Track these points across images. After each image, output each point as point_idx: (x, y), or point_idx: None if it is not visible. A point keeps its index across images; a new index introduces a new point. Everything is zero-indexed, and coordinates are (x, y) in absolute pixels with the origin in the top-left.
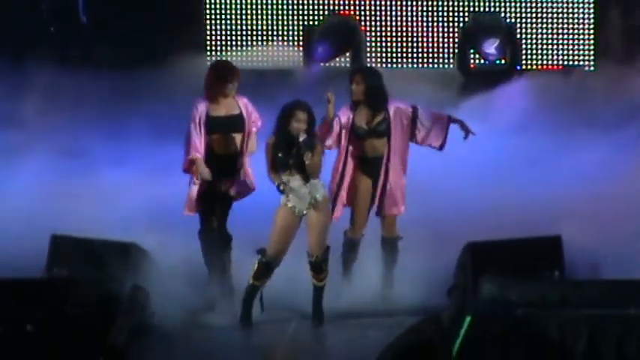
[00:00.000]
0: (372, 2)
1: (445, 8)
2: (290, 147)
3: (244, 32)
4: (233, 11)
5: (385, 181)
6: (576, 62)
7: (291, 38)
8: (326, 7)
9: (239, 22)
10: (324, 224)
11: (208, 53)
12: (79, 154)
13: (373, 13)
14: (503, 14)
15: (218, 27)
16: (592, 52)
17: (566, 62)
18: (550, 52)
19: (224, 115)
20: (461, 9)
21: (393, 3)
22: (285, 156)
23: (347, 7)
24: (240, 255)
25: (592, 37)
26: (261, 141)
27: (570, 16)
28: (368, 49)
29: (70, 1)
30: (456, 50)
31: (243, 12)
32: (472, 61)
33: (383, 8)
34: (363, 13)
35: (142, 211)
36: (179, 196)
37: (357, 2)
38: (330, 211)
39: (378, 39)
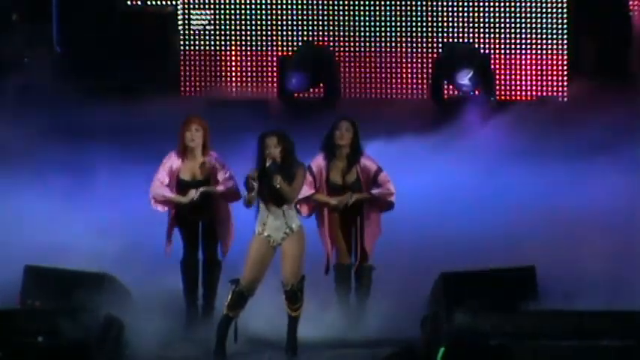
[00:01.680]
0: (347, 33)
1: (419, 39)
2: (264, 176)
3: (219, 66)
4: (207, 44)
5: (362, 235)
6: (550, 93)
7: (265, 70)
8: (300, 38)
9: (213, 56)
10: (299, 254)
11: (182, 89)
12: (50, 184)
13: (347, 43)
14: (477, 45)
15: (192, 63)
16: (565, 82)
17: (540, 93)
18: (524, 82)
19: (189, 179)
20: (435, 40)
21: (367, 34)
22: (260, 185)
23: (321, 38)
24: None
25: (566, 67)
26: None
27: (544, 46)
28: (342, 80)
29: (45, 32)
30: (430, 81)
31: (218, 45)
32: (446, 91)
33: (357, 39)
34: (337, 43)
35: (116, 243)
36: (153, 228)
37: (331, 33)
38: (305, 241)
39: (352, 69)
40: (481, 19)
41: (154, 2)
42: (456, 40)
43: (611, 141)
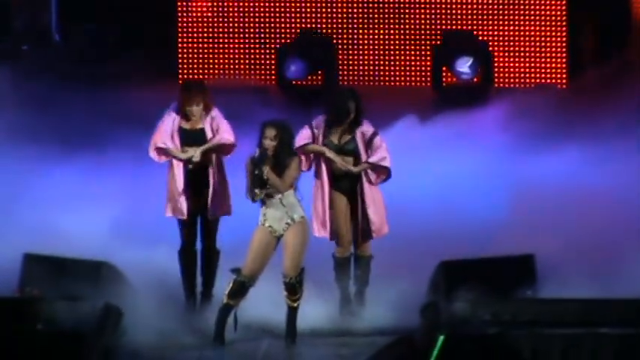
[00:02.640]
0: (346, 20)
1: (419, 26)
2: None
3: (218, 52)
4: (206, 32)
5: (364, 204)
6: (549, 80)
7: (264, 57)
8: (299, 26)
9: (212, 43)
10: (300, 245)
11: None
12: (51, 170)
13: (346, 30)
14: (476, 32)
15: (191, 50)
16: (564, 70)
17: (539, 80)
18: (523, 70)
19: (189, 128)
20: (434, 27)
21: (367, 21)
22: (257, 173)
23: (320, 25)
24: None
25: (564, 54)
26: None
27: (543, 33)
28: (341, 67)
29: (43, 20)
30: (430, 68)
31: (217, 33)
32: (445, 79)
33: (356, 26)
34: (336, 30)
35: (116, 230)
36: (154, 215)
37: (330, 20)
38: (307, 232)
39: (352, 56)
40: (480, 6)
41: None
42: (455, 27)
43: (610, 130)
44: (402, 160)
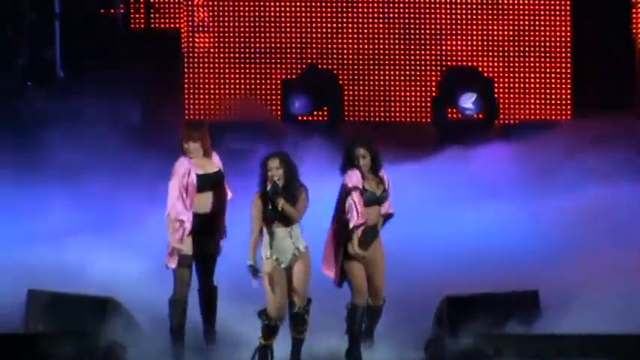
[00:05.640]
0: (349, 56)
1: (422, 62)
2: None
3: (223, 88)
4: (212, 68)
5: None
6: (553, 116)
7: (269, 92)
8: (304, 61)
9: (217, 78)
10: (307, 275)
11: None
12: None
13: (350, 66)
14: (480, 68)
15: (197, 90)
16: (569, 107)
17: (543, 116)
18: (527, 105)
19: (207, 173)
20: (438, 63)
21: (370, 56)
22: (271, 207)
23: (324, 61)
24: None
25: (569, 90)
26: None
27: (548, 69)
28: (346, 103)
29: (48, 56)
30: (433, 104)
31: (222, 69)
32: (449, 115)
33: (360, 62)
34: (341, 66)
35: (121, 266)
36: (159, 252)
37: (334, 56)
38: (311, 262)
39: (355, 92)
40: (485, 42)
41: (156, 25)
42: (459, 63)
43: (611, 171)
44: (405, 194)
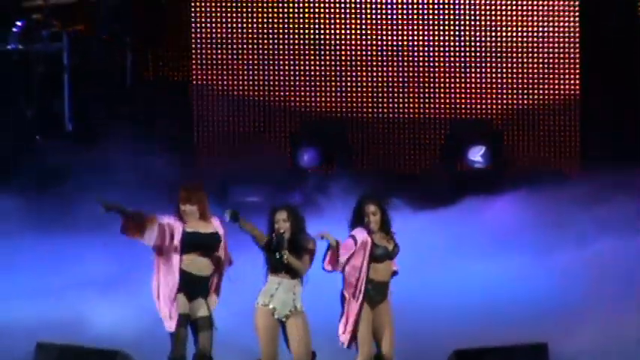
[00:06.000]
0: (358, 107)
1: (431, 112)
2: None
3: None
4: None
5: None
6: (563, 167)
7: (278, 142)
8: (312, 113)
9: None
10: (307, 329)
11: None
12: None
13: (359, 117)
14: (489, 120)
15: (205, 129)
16: (578, 158)
17: (553, 166)
18: (537, 156)
19: (198, 232)
20: (447, 114)
21: (379, 108)
22: (278, 257)
23: (332, 112)
24: None
25: (578, 141)
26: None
27: (556, 121)
28: (355, 154)
29: (56, 109)
30: (442, 156)
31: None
32: (457, 167)
33: (368, 113)
34: (349, 117)
35: (130, 318)
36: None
37: (342, 107)
38: (307, 318)
39: (364, 143)
40: (494, 94)
41: (165, 74)
42: (467, 115)
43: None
44: (412, 247)
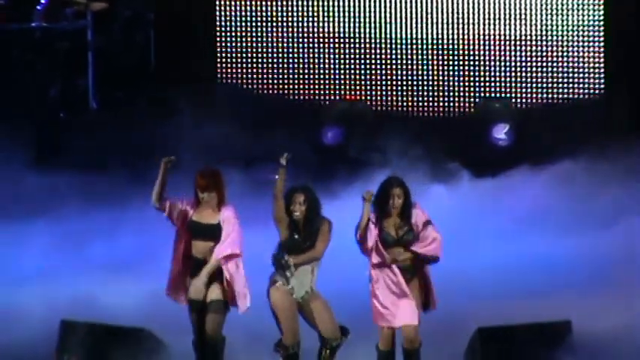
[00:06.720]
0: (383, 86)
1: (456, 92)
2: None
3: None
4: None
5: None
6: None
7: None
8: (337, 92)
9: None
10: (328, 306)
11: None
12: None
13: (383, 96)
14: (513, 99)
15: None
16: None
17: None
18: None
19: (200, 222)
20: (471, 94)
21: (404, 87)
22: (297, 237)
23: (357, 92)
24: None
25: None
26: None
27: (580, 96)
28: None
29: (80, 87)
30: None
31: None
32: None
33: (393, 92)
34: (373, 97)
35: (155, 296)
36: None
37: (366, 85)
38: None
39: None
40: (518, 73)
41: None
42: (492, 94)
43: None
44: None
